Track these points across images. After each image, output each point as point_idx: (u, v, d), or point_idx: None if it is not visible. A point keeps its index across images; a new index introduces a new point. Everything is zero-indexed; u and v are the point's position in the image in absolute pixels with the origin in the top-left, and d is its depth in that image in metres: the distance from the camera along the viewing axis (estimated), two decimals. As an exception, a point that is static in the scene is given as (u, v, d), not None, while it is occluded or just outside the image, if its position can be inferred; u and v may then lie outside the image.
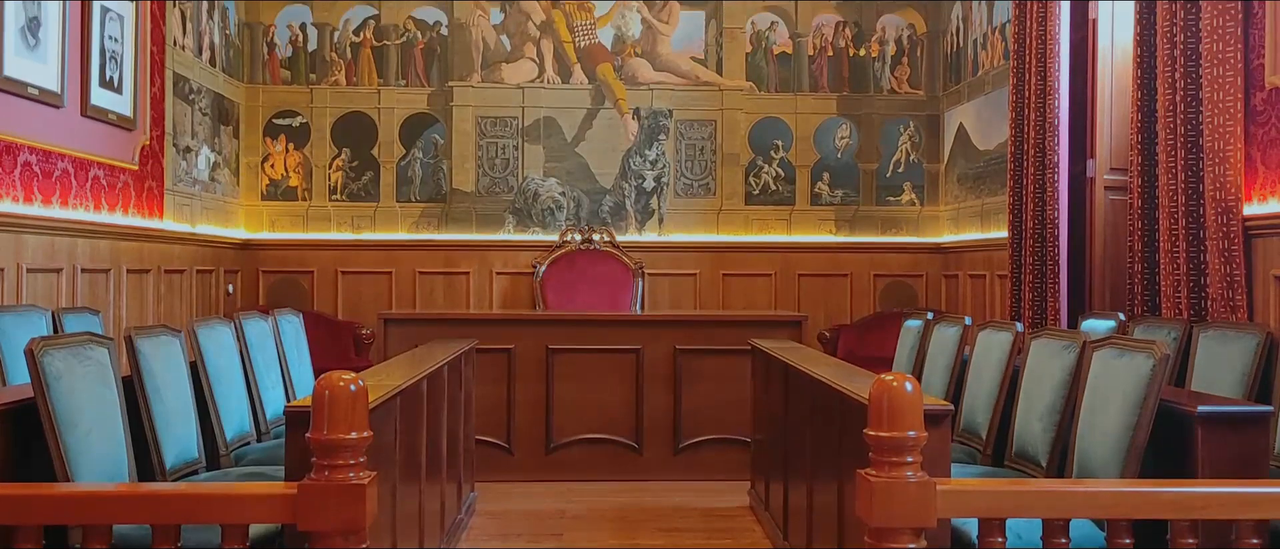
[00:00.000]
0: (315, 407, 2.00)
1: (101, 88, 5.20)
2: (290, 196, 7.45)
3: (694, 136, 7.61)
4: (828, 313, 7.39)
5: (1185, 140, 4.26)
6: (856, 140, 7.61)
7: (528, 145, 7.56)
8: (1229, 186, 4.01)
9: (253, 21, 7.39)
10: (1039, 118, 5.46)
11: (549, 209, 7.55)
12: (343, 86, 7.47)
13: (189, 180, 6.36)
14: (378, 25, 7.48)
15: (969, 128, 7.00)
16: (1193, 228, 4.23)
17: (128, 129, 5.49)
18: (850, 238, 7.57)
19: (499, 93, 7.54)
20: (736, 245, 7.55)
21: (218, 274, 6.75)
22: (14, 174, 4.43)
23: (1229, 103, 4.04)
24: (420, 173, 7.50)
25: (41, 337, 2.68)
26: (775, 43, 7.61)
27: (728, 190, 7.60)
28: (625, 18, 7.59)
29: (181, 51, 6.23)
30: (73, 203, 4.91)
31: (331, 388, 2.01)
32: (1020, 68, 5.72)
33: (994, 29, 6.57)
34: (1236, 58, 4.03)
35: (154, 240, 5.75)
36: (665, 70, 7.61)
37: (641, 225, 7.57)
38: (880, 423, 1.98)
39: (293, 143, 7.45)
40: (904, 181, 7.61)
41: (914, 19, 7.61)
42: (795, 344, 5.04)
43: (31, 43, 4.58)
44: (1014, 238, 5.73)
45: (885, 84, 7.61)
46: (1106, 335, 3.34)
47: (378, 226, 7.47)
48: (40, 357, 2.59)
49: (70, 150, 4.89)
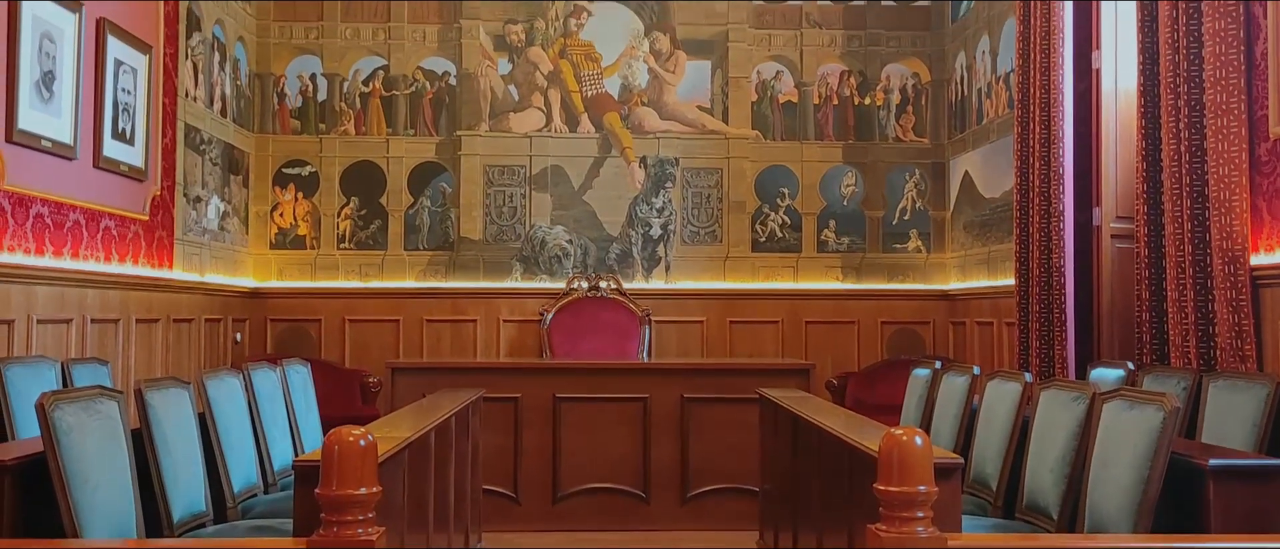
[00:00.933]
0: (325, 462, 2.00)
1: (114, 139, 5.26)
2: (299, 245, 7.49)
3: (700, 184, 7.65)
4: (835, 360, 7.37)
5: (1191, 190, 4.28)
6: (862, 188, 7.64)
7: (535, 193, 7.60)
8: (1236, 236, 4.02)
9: (263, 72, 7.47)
10: (1044, 166, 5.49)
11: (556, 257, 7.57)
12: (352, 136, 7.54)
13: (198, 230, 6.40)
14: (387, 75, 7.56)
15: (974, 175, 7.03)
16: (1200, 277, 4.23)
17: (139, 180, 5.54)
18: (857, 285, 7.58)
19: (506, 142, 7.59)
20: (743, 292, 7.56)
21: (226, 323, 6.77)
22: (26, 226, 4.47)
23: (1233, 153, 4.06)
24: (428, 221, 7.54)
25: (52, 391, 2.69)
26: (781, 91, 7.67)
27: (734, 238, 7.62)
28: (632, 68, 7.66)
29: (193, 102, 6.30)
30: (84, 254, 4.95)
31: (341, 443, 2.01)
32: (1024, 117, 5.76)
33: (998, 78, 6.62)
34: (1240, 108, 4.05)
35: (163, 290, 5.77)
36: (672, 119, 7.67)
37: (648, 273, 7.59)
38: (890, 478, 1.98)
39: (302, 192, 7.50)
40: (910, 229, 7.63)
41: (918, 68, 7.67)
42: (803, 393, 5.02)
43: (46, 96, 4.64)
44: (1021, 286, 5.73)
45: (890, 132, 7.66)
46: (1116, 387, 3.33)
47: (385, 275, 7.50)
48: (51, 411, 2.60)
49: (82, 201, 4.94)
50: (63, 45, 4.77)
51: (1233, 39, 4.08)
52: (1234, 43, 4.08)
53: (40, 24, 4.58)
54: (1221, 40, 4.11)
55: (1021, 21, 5.79)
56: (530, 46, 7.62)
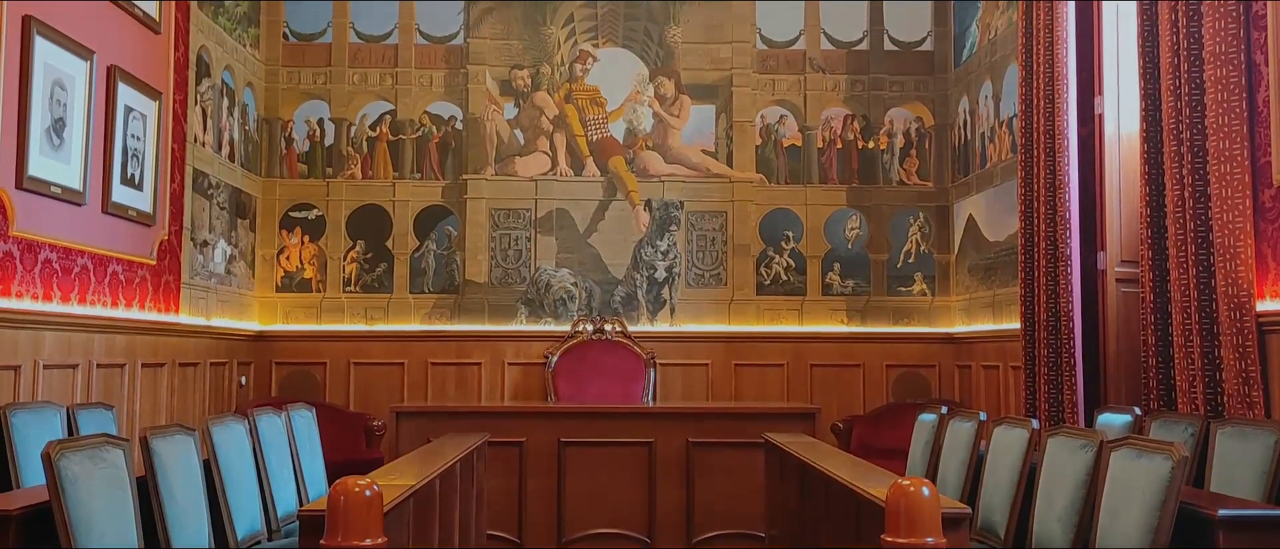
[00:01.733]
0: (330, 513, 2.00)
1: (123, 185, 5.29)
2: (305, 288, 7.51)
3: (705, 227, 7.67)
4: (841, 403, 7.35)
5: (1195, 236, 4.28)
6: (866, 231, 7.66)
7: (540, 236, 7.62)
8: (1241, 283, 4.02)
9: (272, 117, 7.54)
10: (1049, 211, 5.50)
11: (561, 299, 7.58)
12: (358, 179, 7.58)
13: (205, 274, 6.42)
14: (394, 120, 7.62)
15: (978, 219, 7.05)
16: (1206, 323, 4.22)
17: (147, 225, 5.57)
18: (862, 328, 7.57)
19: (512, 185, 7.63)
20: (748, 335, 7.55)
21: (231, 366, 6.77)
22: (35, 272, 4.49)
23: (1237, 199, 4.07)
24: (434, 264, 7.57)
25: (58, 440, 2.69)
26: (785, 136, 7.71)
27: (739, 280, 7.63)
28: (637, 112, 7.72)
29: (202, 147, 6.35)
30: (91, 299, 4.96)
31: (347, 494, 2.01)
32: (1028, 161, 5.78)
33: (1001, 123, 6.66)
34: (1243, 155, 4.07)
35: (169, 334, 5.78)
36: (676, 162, 7.71)
37: (653, 315, 7.59)
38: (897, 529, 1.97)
39: (308, 235, 7.53)
40: (915, 272, 7.64)
41: (922, 112, 7.72)
42: (809, 438, 5.01)
43: (56, 143, 4.68)
44: (1027, 329, 5.72)
45: (894, 176, 7.69)
46: (1124, 435, 3.32)
47: (391, 318, 7.51)
48: (57, 461, 2.60)
49: (90, 247, 4.96)
50: (74, 92, 4.82)
51: (1234, 87, 4.11)
52: (1236, 90, 4.10)
53: (51, 72, 4.63)
54: (1223, 88, 4.14)
55: (1023, 67, 5.83)
56: (536, 91, 7.68)
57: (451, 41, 7.67)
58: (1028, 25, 5.82)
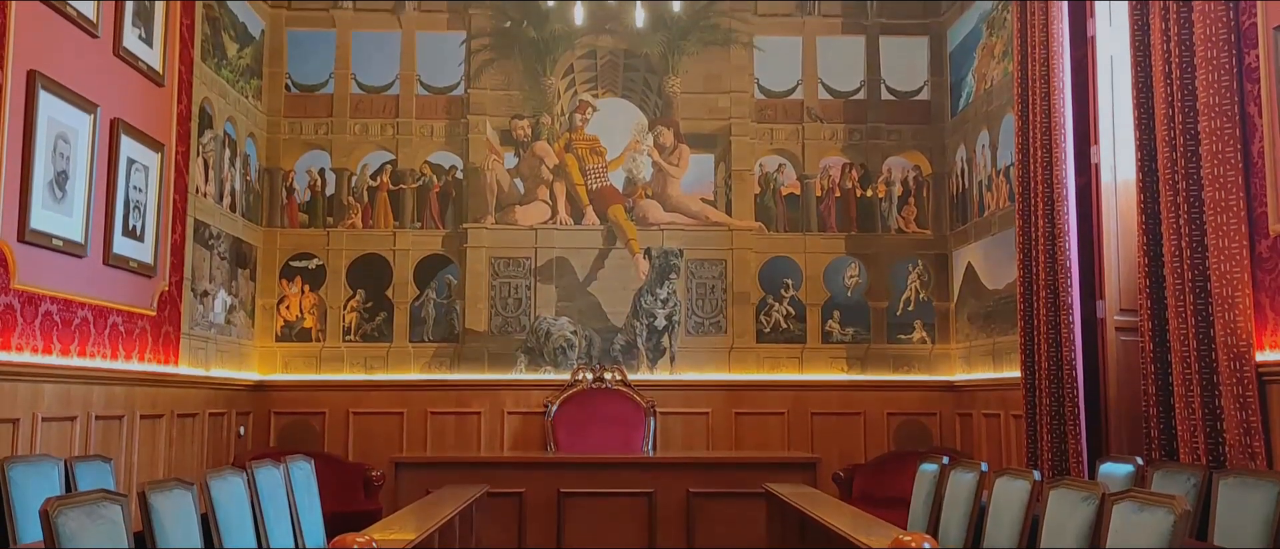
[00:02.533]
0: (329, 575, 1.99)
1: (124, 236, 5.31)
2: (304, 338, 7.51)
3: (704, 275, 7.68)
4: (841, 451, 7.32)
5: (1193, 285, 4.29)
6: (866, 279, 7.67)
7: (540, 285, 7.64)
8: (1240, 332, 4.02)
9: (273, 167, 7.58)
10: (1049, 259, 5.51)
11: (561, 348, 7.58)
12: (359, 229, 7.61)
13: (205, 324, 6.42)
14: (395, 169, 7.66)
15: (977, 267, 7.07)
16: (1206, 373, 4.22)
17: (148, 276, 5.58)
18: (862, 376, 7.56)
19: (512, 234, 7.66)
20: (749, 384, 7.54)
21: (230, 416, 6.75)
22: (35, 324, 4.49)
23: (1234, 249, 4.09)
24: (433, 313, 7.57)
25: (57, 497, 2.68)
26: (783, 184, 7.75)
27: (739, 328, 7.63)
28: (636, 161, 7.77)
29: (203, 198, 6.38)
30: (91, 351, 4.96)
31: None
32: (1026, 210, 5.80)
33: (998, 172, 6.69)
34: (1239, 205, 4.09)
35: (168, 385, 5.77)
36: (676, 211, 7.74)
37: (653, 364, 7.58)
38: (899, 590, 1.96)
39: (308, 284, 7.54)
40: (914, 320, 7.64)
41: (919, 161, 7.76)
42: (810, 489, 4.98)
43: (58, 196, 4.70)
44: (1027, 378, 5.71)
45: (892, 224, 7.72)
46: (1126, 487, 3.31)
47: (390, 367, 7.50)
48: (55, 517, 2.59)
49: (90, 299, 4.97)
50: (77, 145, 4.85)
51: (1229, 137, 4.14)
52: (1230, 141, 4.14)
53: (55, 125, 4.66)
54: (1217, 139, 4.17)
55: (1020, 117, 5.88)
56: (536, 141, 7.73)
57: (452, 92, 7.74)
58: (1023, 76, 5.87)
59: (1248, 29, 4.14)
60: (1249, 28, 4.12)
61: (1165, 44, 4.50)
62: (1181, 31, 4.40)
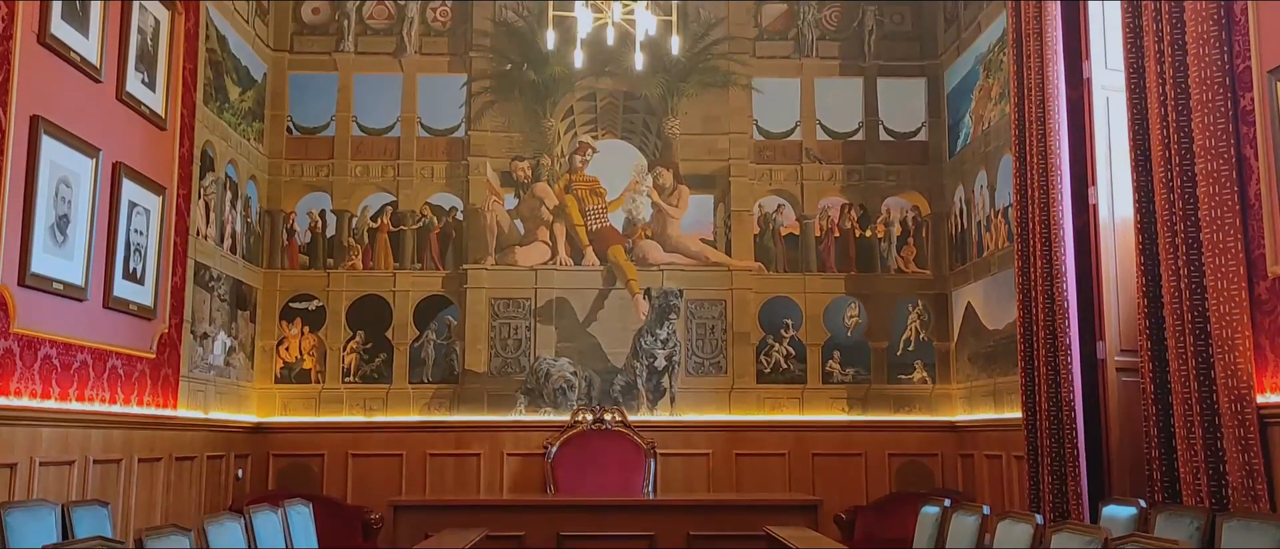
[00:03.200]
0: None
1: (124, 279, 5.32)
2: (304, 379, 7.49)
3: (704, 316, 7.68)
4: (843, 492, 7.27)
5: (1193, 327, 4.29)
6: (866, 319, 7.67)
7: (540, 326, 7.63)
8: (1241, 374, 4.02)
9: (274, 209, 7.60)
10: (1047, 300, 5.51)
11: (561, 389, 7.56)
12: (359, 270, 7.62)
13: (204, 366, 6.41)
14: (395, 211, 7.68)
15: (977, 307, 7.07)
16: (1207, 415, 4.21)
17: (148, 319, 5.58)
18: (863, 417, 7.53)
19: (512, 275, 7.67)
20: (749, 424, 7.51)
21: (228, 459, 6.72)
22: (34, 368, 4.49)
23: (1233, 291, 4.09)
24: (433, 354, 7.56)
25: (53, 545, 2.67)
26: (783, 225, 7.77)
27: (739, 369, 7.61)
28: (636, 202, 7.79)
29: (204, 241, 6.39)
30: (89, 395, 4.95)
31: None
32: (1025, 250, 5.81)
33: (997, 212, 6.71)
34: (1237, 247, 4.10)
35: (167, 428, 5.76)
36: (675, 251, 7.75)
37: (653, 405, 7.56)
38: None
39: (308, 326, 7.54)
40: (915, 360, 7.62)
41: (918, 201, 7.79)
42: (810, 532, 4.96)
43: (59, 240, 4.72)
44: (1028, 419, 5.69)
45: (892, 264, 7.73)
46: (1129, 529, 3.29)
47: (390, 409, 7.47)
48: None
49: (90, 342, 4.97)
50: (79, 189, 4.87)
51: (1225, 180, 4.16)
52: (1227, 183, 4.15)
53: (58, 170, 4.68)
54: (1214, 181, 4.19)
55: (1017, 158, 5.90)
56: (536, 182, 7.76)
57: (453, 134, 7.78)
58: (1020, 117, 5.90)
59: (1242, 73, 4.17)
60: (1243, 71, 4.15)
61: (1161, 87, 4.53)
62: (1177, 74, 4.44)
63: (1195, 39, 4.30)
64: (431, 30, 7.90)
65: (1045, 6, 5.63)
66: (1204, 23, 4.27)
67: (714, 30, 7.94)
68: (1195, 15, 4.30)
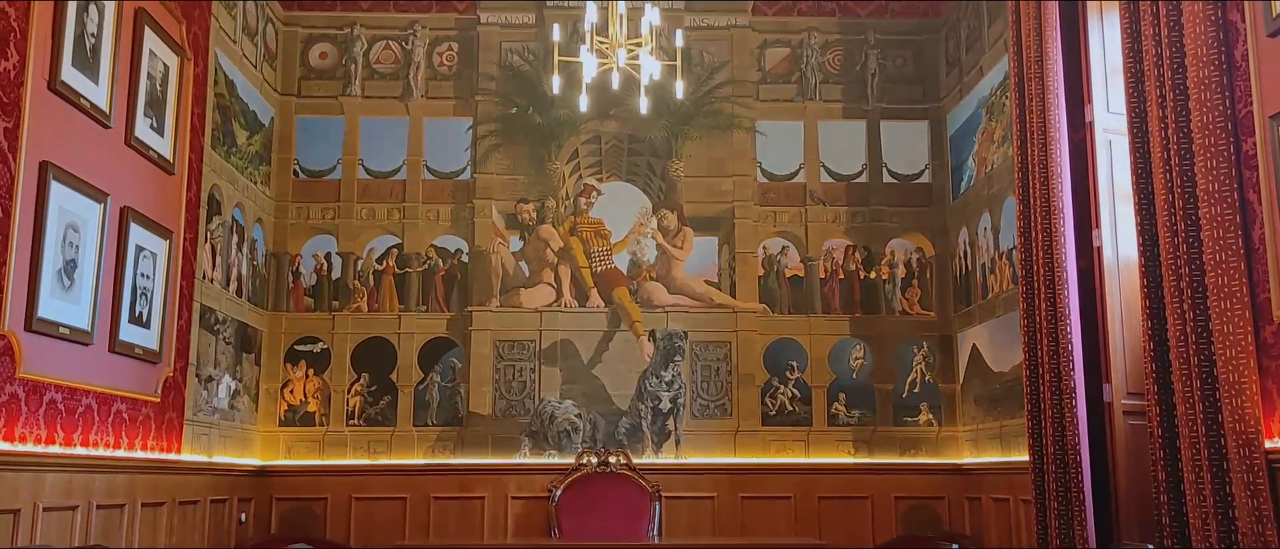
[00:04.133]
0: None
1: (130, 323, 5.33)
2: (308, 422, 7.47)
3: (709, 358, 7.67)
4: (849, 536, 7.22)
5: (1199, 371, 4.28)
6: (871, 361, 7.66)
7: (545, 368, 7.62)
8: (1248, 419, 4.00)
9: (280, 252, 7.63)
10: (1052, 343, 5.50)
11: (565, 431, 7.53)
12: (364, 312, 7.63)
13: (208, 410, 6.41)
14: (401, 253, 7.71)
15: (982, 349, 7.05)
16: (1215, 459, 4.19)
17: (153, 363, 5.58)
18: (869, 459, 7.49)
19: (517, 317, 7.67)
20: (754, 467, 7.48)
21: (231, 503, 6.70)
22: (39, 413, 4.49)
23: (1239, 335, 4.08)
24: (438, 396, 7.55)
25: (56, 595, 2.66)
26: (787, 266, 7.78)
27: (744, 411, 7.59)
28: (640, 244, 7.81)
29: (210, 284, 6.41)
30: (94, 439, 4.95)
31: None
32: (1029, 293, 5.81)
33: (1001, 254, 6.72)
34: (1242, 291, 4.10)
35: (170, 472, 5.74)
36: (680, 293, 7.76)
37: (658, 447, 7.53)
38: None
39: (313, 368, 7.54)
40: (921, 402, 7.60)
41: (922, 243, 7.80)
42: (818, 578, 4.91)
43: (66, 284, 4.73)
44: (1035, 462, 5.66)
45: (897, 306, 7.73)
46: (1137, 578, 3.26)
47: (394, 452, 7.45)
48: (53, 618, 2.56)
49: (95, 386, 4.97)
50: (87, 234, 4.90)
51: (1229, 224, 4.17)
52: (1231, 228, 4.16)
53: (66, 215, 4.71)
54: (1218, 225, 4.20)
55: (1021, 201, 5.92)
56: (541, 224, 7.79)
57: (458, 177, 7.82)
58: (1023, 160, 5.93)
59: (1243, 117, 4.19)
60: (1245, 116, 4.18)
61: (1163, 131, 4.55)
62: (1178, 119, 4.46)
63: (1196, 84, 4.32)
64: (437, 74, 7.97)
65: (1046, 51, 5.67)
66: (1205, 68, 4.30)
67: (718, 74, 8.00)
68: (1196, 61, 4.34)
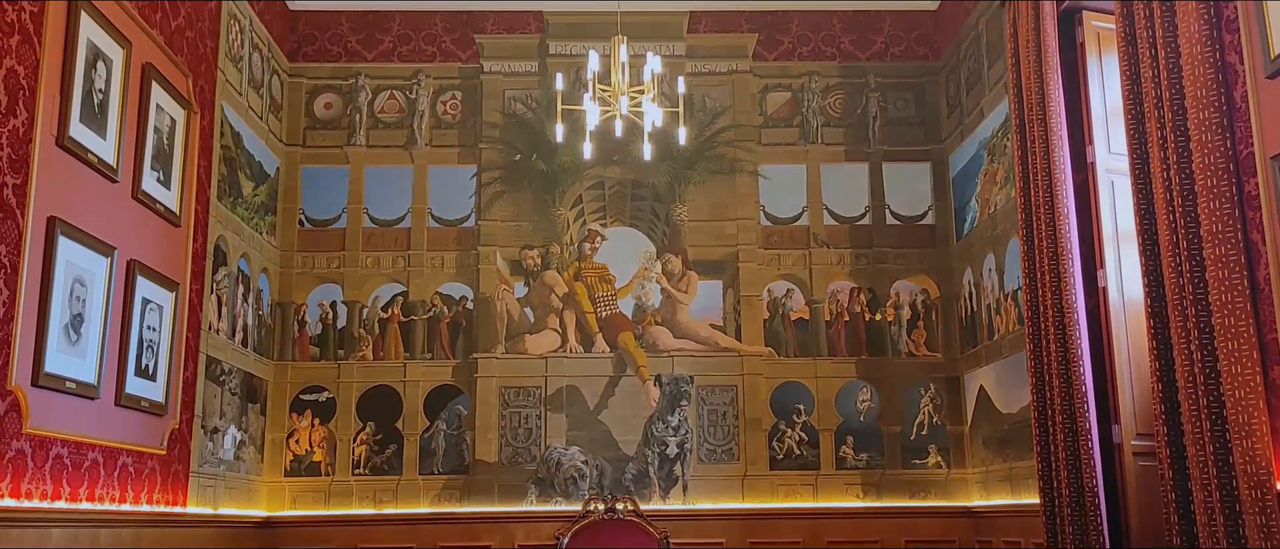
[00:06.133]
0: None
1: (136, 376, 5.33)
2: (314, 472, 7.44)
3: (715, 402, 7.65)
4: (860, 581, 7.17)
5: (1209, 411, 4.26)
6: (878, 403, 7.63)
7: (550, 414, 7.60)
8: (1259, 460, 3.97)
9: (285, 301, 7.64)
10: (1063, 384, 5.47)
11: (572, 478, 7.50)
12: (369, 361, 7.62)
13: (214, 461, 6.39)
14: (406, 301, 7.72)
15: (989, 390, 7.02)
16: (1228, 501, 4.15)
17: (159, 415, 5.58)
18: (878, 503, 7.44)
19: (522, 363, 7.66)
20: (763, 512, 7.42)
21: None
22: (45, 468, 4.48)
23: (1248, 376, 4.07)
24: (443, 444, 7.52)
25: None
26: (792, 309, 7.78)
27: (752, 455, 7.55)
28: (645, 288, 7.82)
29: (216, 335, 6.42)
30: (99, 494, 4.93)
31: None
32: (1036, 334, 5.80)
33: (1006, 295, 6.71)
34: (1249, 331, 4.09)
35: (176, 525, 5.71)
36: (685, 337, 7.75)
37: (665, 493, 7.49)
38: None
39: (318, 418, 7.52)
40: (929, 444, 7.56)
41: (927, 284, 7.80)
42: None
43: (73, 339, 4.74)
44: (1047, 505, 5.62)
45: (903, 347, 7.71)
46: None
47: (399, 501, 7.41)
48: None
49: (101, 440, 4.96)
50: (93, 288, 4.91)
51: (1234, 264, 4.17)
52: (1236, 268, 4.16)
53: (73, 269, 4.73)
54: (1223, 265, 4.19)
55: (1025, 241, 5.92)
56: (546, 270, 7.80)
57: (463, 224, 7.85)
58: (1026, 201, 5.94)
59: (1245, 158, 4.20)
60: (1247, 157, 4.19)
61: (1165, 172, 4.56)
62: (1180, 159, 4.47)
63: (1197, 126, 4.34)
64: (442, 123, 8.03)
65: (1048, 92, 5.70)
66: (1205, 110, 4.32)
67: (720, 118, 8.05)
68: (1196, 102, 4.36)
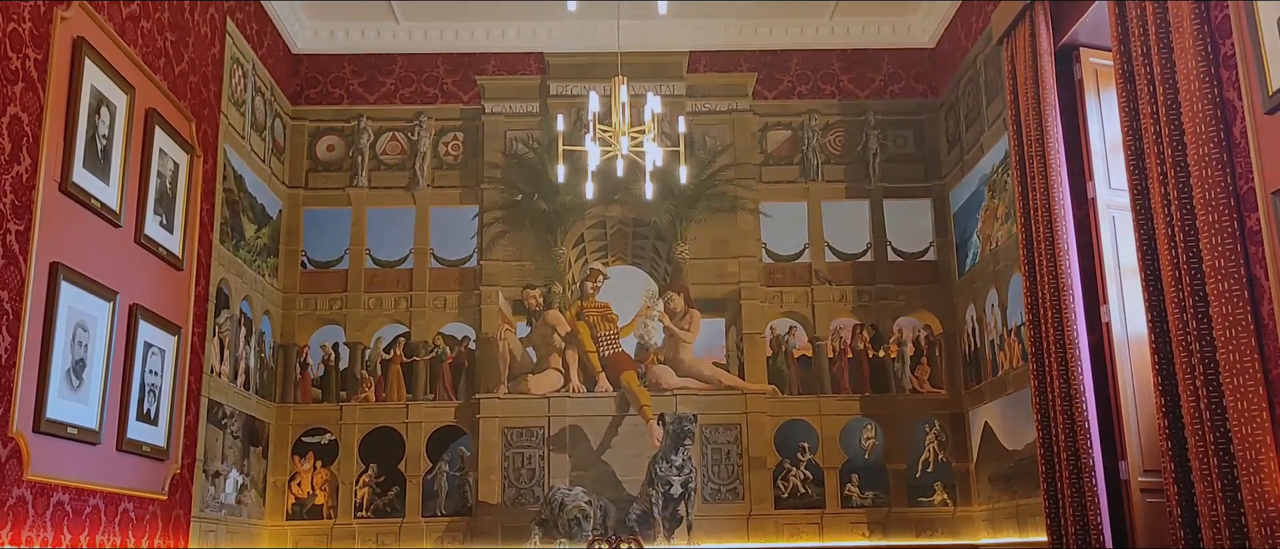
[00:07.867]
0: None
1: (138, 421, 5.31)
2: (316, 515, 7.40)
3: (719, 440, 7.61)
4: (867, 621, 7.09)
5: (1216, 448, 4.23)
6: (883, 440, 7.59)
7: (553, 454, 7.56)
8: (1268, 498, 3.94)
9: (287, 343, 7.63)
10: (1068, 420, 5.45)
11: (575, 519, 7.44)
12: (371, 402, 7.60)
13: (216, 506, 6.35)
14: (408, 342, 7.71)
15: (994, 427, 6.99)
16: (1237, 539, 4.11)
17: (160, 460, 5.55)
18: (884, 542, 7.38)
19: (525, 403, 7.64)
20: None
21: (238, 600, 6.60)
22: (46, 515, 4.45)
23: (1254, 412, 4.04)
24: (446, 485, 7.48)
25: None
26: (795, 346, 7.76)
27: (757, 495, 7.50)
28: (647, 327, 7.81)
29: (218, 378, 6.40)
30: (100, 540, 4.90)
31: None
32: (1040, 370, 5.78)
33: (1009, 331, 6.70)
34: (1254, 368, 4.07)
35: (177, 571, 5.67)
36: (688, 376, 7.73)
37: (670, 534, 7.43)
38: None
39: (320, 460, 7.49)
40: (935, 481, 7.51)
41: (930, 320, 7.78)
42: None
43: (75, 384, 4.73)
44: (1054, 542, 5.57)
45: (907, 384, 7.69)
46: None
47: (402, 543, 7.36)
48: None
49: (102, 486, 4.94)
50: (95, 333, 4.91)
51: (1238, 300, 4.16)
52: (1239, 304, 4.15)
53: (75, 315, 4.73)
54: (1226, 301, 4.18)
55: (1027, 277, 5.92)
56: (548, 309, 7.80)
57: (465, 264, 7.86)
58: (1028, 237, 5.94)
59: (1246, 194, 4.21)
60: (1247, 193, 4.19)
61: (1166, 208, 4.57)
62: (1181, 195, 4.48)
63: (1197, 161, 4.35)
64: (443, 163, 8.06)
65: (1047, 129, 5.72)
66: (1204, 146, 4.33)
67: (720, 157, 8.07)
68: (1195, 138, 4.37)
